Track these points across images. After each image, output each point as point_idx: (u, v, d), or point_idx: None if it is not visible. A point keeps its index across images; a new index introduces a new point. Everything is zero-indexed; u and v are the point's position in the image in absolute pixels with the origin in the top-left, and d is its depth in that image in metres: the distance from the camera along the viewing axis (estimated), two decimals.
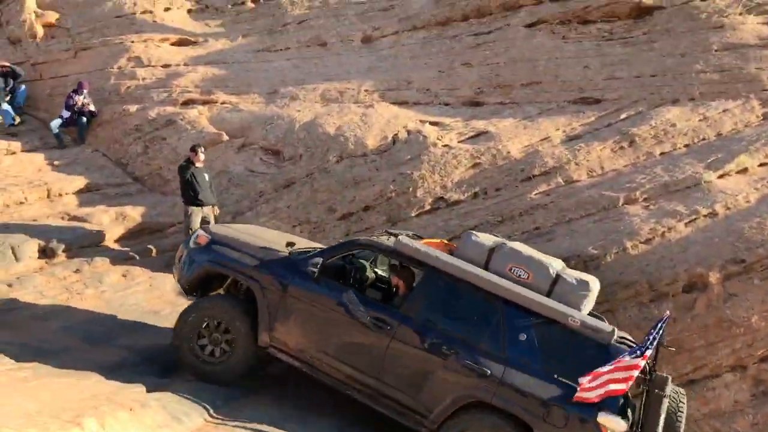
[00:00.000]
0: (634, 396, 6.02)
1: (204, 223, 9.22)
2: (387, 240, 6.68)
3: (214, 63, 12.74)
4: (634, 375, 5.37)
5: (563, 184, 9.58)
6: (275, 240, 7.11)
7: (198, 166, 9.60)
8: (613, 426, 5.51)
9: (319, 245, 7.53)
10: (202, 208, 9.44)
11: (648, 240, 8.61)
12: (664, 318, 5.89)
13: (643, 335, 6.05)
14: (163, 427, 5.17)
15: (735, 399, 7.88)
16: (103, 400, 4.95)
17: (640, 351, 5.42)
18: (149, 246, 9.83)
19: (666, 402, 5.75)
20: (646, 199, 9.13)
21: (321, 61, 12.50)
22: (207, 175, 9.68)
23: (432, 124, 10.67)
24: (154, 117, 11.76)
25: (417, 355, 6.05)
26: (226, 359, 6.45)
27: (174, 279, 7.52)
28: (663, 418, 5.68)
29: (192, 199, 9.44)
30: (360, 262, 7.03)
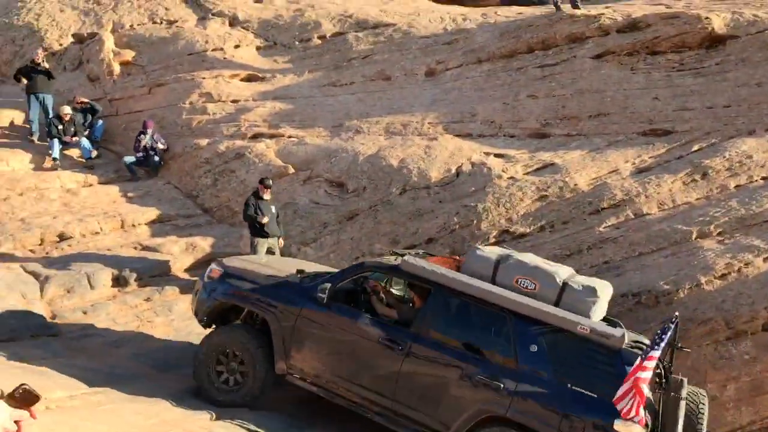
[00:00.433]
0: (651, 401, 5.73)
1: (269, 254, 9.38)
2: (394, 260, 6.71)
3: (281, 98, 13.04)
4: (643, 377, 5.20)
5: (633, 217, 9.35)
6: (286, 268, 7.22)
7: (265, 198, 9.79)
8: None
9: (331, 269, 7.58)
10: (267, 239, 9.60)
11: (723, 275, 8.28)
12: (672, 318, 5.74)
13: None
14: None
15: None
16: (172, 426, 5.02)
17: (645, 353, 5.32)
18: None
19: (683, 404, 5.61)
20: (720, 233, 8.81)
21: (385, 95, 12.64)
22: (274, 207, 9.85)
23: (497, 156, 10.61)
24: (223, 150, 12.08)
25: (430, 373, 6.06)
26: (238, 389, 6.56)
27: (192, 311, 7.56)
28: (682, 421, 5.56)
29: (258, 231, 9.62)
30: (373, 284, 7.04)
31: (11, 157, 12.18)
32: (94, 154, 12.83)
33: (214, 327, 7.11)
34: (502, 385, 5.82)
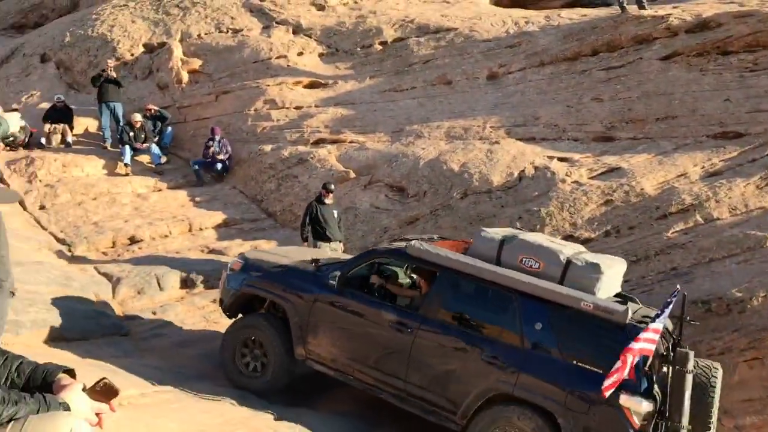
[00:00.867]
0: (661, 377, 5.71)
1: None
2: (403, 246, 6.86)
3: (342, 104, 13.18)
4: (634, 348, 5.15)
5: (703, 222, 9.05)
6: (303, 258, 7.48)
7: (327, 203, 9.91)
8: (636, 407, 5.41)
9: (345, 257, 7.74)
10: (329, 243, 9.71)
11: None
12: (674, 293, 5.62)
13: None
14: None
15: None
16: (237, 425, 5.13)
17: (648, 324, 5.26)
18: None
19: (689, 377, 5.53)
20: None
21: (446, 99, 12.63)
22: (336, 212, 9.95)
23: (560, 160, 10.45)
24: (286, 156, 12.29)
25: (438, 354, 6.15)
26: (261, 374, 6.83)
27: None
28: (688, 393, 5.50)
29: (320, 235, 9.73)
30: (390, 270, 7.18)
31: (86, 163, 12.70)
32: (163, 160, 13.26)
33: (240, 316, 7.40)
34: (507, 364, 5.87)
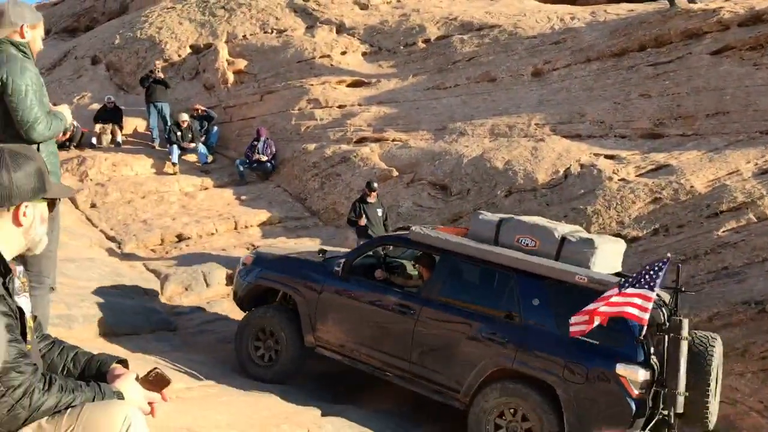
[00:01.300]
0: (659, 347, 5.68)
1: None
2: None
3: (385, 102, 13.20)
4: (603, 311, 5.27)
5: (755, 221, 8.78)
6: (311, 250, 7.80)
7: (371, 201, 9.94)
8: (633, 376, 5.47)
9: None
10: None
11: None
12: (663, 260, 5.54)
13: None
14: None
15: None
16: (283, 419, 5.18)
17: (628, 284, 5.34)
18: None
19: (684, 345, 5.55)
20: None
21: (490, 97, 12.54)
22: (380, 210, 9.98)
23: (607, 157, 10.27)
24: (330, 155, 12.37)
25: (441, 335, 6.31)
26: (273, 363, 7.02)
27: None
28: (684, 360, 5.53)
29: (363, 233, 9.76)
30: (398, 262, 7.50)
31: (135, 163, 12.99)
32: (210, 159, 13.48)
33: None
34: (506, 339, 6.00)
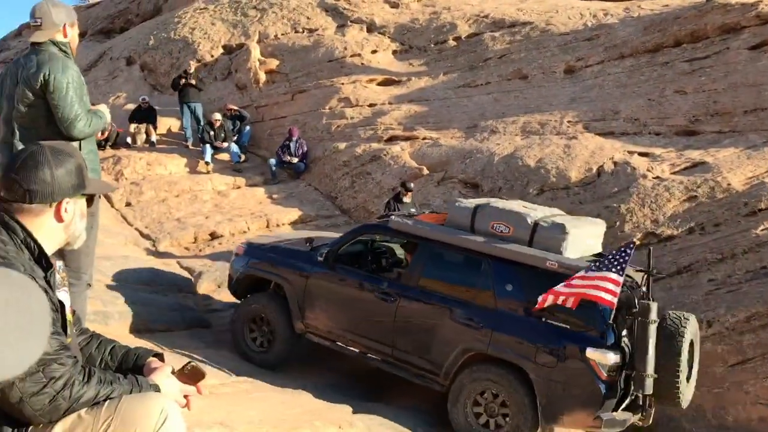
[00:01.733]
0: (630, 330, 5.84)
1: None
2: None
3: (416, 100, 13.19)
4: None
5: None
6: (299, 239, 7.96)
7: (406, 201, 9.98)
8: (602, 359, 5.61)
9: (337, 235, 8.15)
10: None
11: None
12: (630, 244, 5.75)
13: None
14: None
15: None
16: (315, 415, 5.21)
17: (596, 268, 5.50)
18: None
19: (652, 327, 5.64)
20: None
21: (521, 94, 12.45)
22: (414, 210, 9.98)
23: (641, 155, 10.13)
24: (360, 153, 12.40)
25: (420, 320, 6.51)
26: (268, 349, 7.28)
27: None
28: (652, 342, 5.65)
29: None
30: (385, 246, 7.72)
31: (169, 162, 13.17)
32: (242, 158, 13.61)
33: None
34: (482, 324, 6.16)
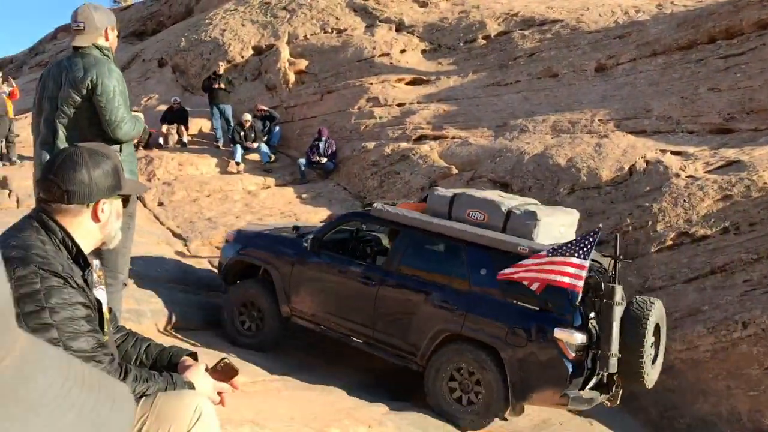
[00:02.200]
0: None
1: None
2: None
3: (445, 99, 13.16)
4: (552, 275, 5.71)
5: None
6: (287, 227, 8.30)
7: None
8: (569, 339, 5.90)
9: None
10: None
11: None
12: (595, 230, 5.94)
13: None
14: None
15: None
16: (345, 414, 5.24)
17: (560, 252, 5.78)
18: None
19: (617, 309, 5.92)
20: None
21: (552, 93, 12.35)
22: None
23: (674, 153, 9.98)
24: (389, 153, 12.41)
25: (398, 303, 6.84)
26: (257, 333, 7.56)
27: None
28: (617, 324, 5.92)
29: None
30: (372, 235, 8.03)
31: (200, 162, 13.33)
32: (272, 158, 13.72)
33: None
34: (456, 306, 6.44)
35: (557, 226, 6.75)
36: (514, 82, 12.96)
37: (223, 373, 2.35)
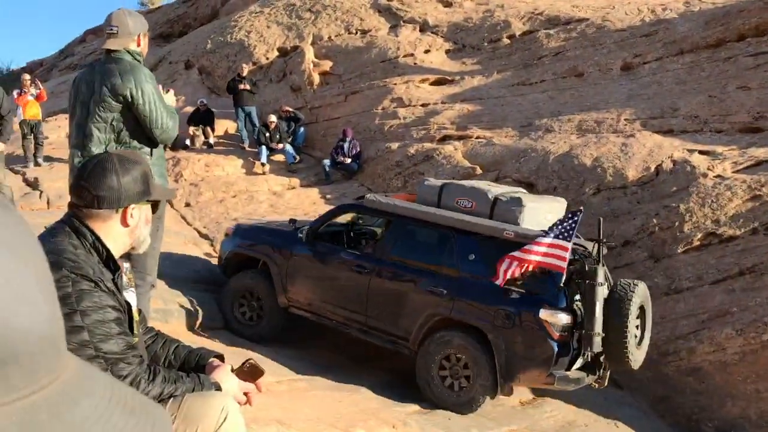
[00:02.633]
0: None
1: None
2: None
3: (469, 99, 13.13)
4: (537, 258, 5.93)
5: None
6: (284, 221, 8.49)
7: None
8: (554, 319, 6.07)
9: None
10: None
11: None
12: (576, 212, 6.15)
13: None
14: None
15: None
16: (370, 415, 5.26)
17: (545, 235, 5.99)
18: None
19: (600, 290, 6.08)
20: None
21: (577, 92, 12.26)
22: None
23: (702, 153, 9.85)
24: (413, 153, 12.41)
25: (390, 290, 7.02)
26: (258, 323, 7.75)
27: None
28: (600, 304, 6.07)
29: None
30: (366, 227, 8.24)
31: (226, 163, 13.46)
32: (297, 159, 13.80)
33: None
34: (445, 291, 6.63)
35: (543, 212, 6.93)
36: (539, 81, 12.90)
37: (249, 374, 2.39)
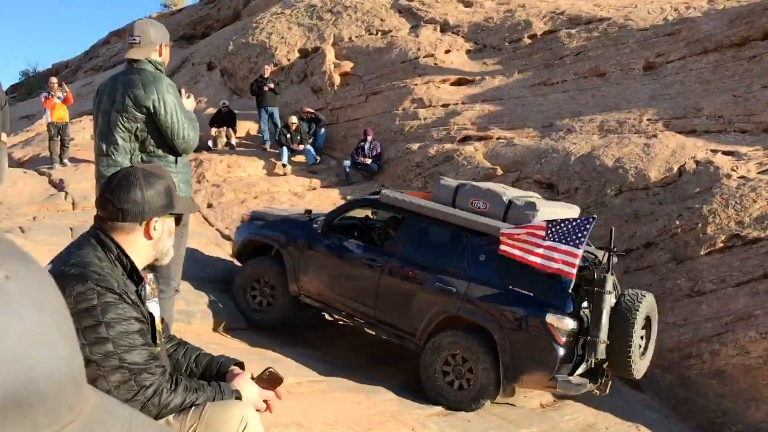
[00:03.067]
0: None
1: None
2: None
3: (489, 100, 13.11)
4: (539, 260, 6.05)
5: None
6: (299, 211, 8.56)
7: None
8: (560, 324, 6.08)
9: None
10: None
11: None
12: (589, 219, 6.19)
13: None
14: None
15: None
16: (389, 417, 5.30)
17: (556, 235, 6.06)
18: None
19: (607, 298, 6.11)
20: None
21: (599, 92, 12.19)
22: None
23: (725, 153, 9.76)
24: (433, 154, 12.43)
25: (401, 285, 7.06)
26: (270, 309, 7.85)
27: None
28: (607, 312, 6.11)
29: None
30: (380, 221, 8.28)
31: (248, 164, 13.57)
32: (317, 160, 13.87)
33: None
34: (454, 290, 6.68)
35: (556, 217, 6.91)
36: (560, 81, 12.84)
37: (269, 382, 2.44)
